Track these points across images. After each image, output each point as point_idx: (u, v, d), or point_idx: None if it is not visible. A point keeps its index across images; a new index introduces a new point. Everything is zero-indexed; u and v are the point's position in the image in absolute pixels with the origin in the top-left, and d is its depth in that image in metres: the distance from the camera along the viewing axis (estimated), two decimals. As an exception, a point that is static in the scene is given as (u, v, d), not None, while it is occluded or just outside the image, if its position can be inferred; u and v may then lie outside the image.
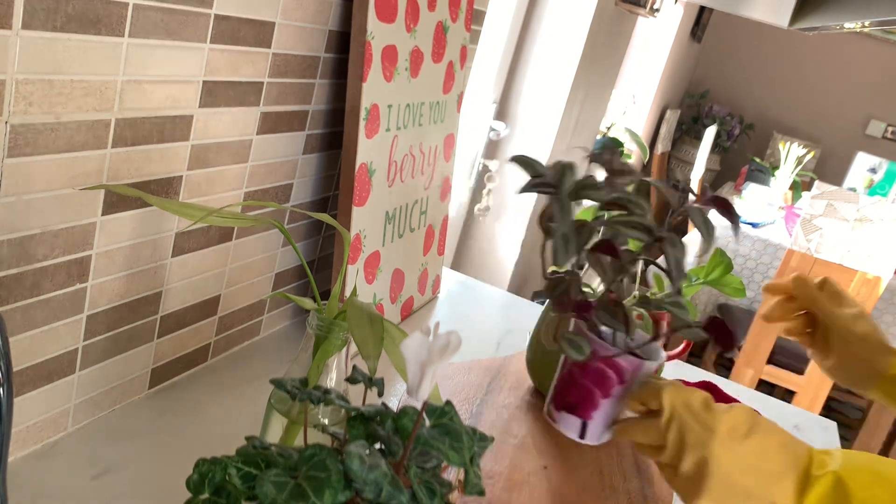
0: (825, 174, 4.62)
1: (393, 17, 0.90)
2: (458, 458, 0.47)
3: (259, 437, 0.48)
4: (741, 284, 0.89)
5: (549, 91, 2.16)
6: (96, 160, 0.61)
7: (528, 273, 2.56)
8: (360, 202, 0.91)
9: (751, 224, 3.15)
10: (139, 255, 0.69)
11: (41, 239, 0.59)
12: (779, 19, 0.95)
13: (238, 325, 0.89)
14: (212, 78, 0.70)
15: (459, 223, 2.24)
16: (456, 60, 1.10)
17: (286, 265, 0.94)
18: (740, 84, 4.92)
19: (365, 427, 0.49)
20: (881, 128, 4.70)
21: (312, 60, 0.84)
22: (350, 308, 0.57)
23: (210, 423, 0.77)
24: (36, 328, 0.62)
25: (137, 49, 0.61)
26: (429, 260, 1.15)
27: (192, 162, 0.71)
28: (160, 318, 0.75)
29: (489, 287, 1.34)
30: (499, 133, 2.16)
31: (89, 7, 0.55)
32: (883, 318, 2.90)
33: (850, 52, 4.68)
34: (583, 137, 2.53)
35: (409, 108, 0.99)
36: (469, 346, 1.09)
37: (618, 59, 2.65)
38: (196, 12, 0.65)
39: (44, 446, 0.67)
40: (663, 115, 4.29)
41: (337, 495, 0.43)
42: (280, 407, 0.61)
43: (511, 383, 0.98)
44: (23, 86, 0.53)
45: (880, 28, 1.47)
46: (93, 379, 0.70)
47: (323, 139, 0.92)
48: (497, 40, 2.06)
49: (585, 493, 0.78)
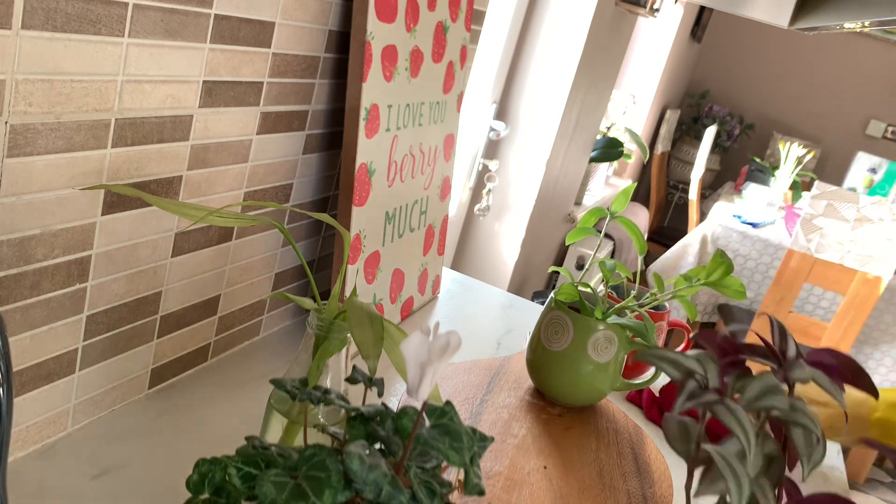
0: (825, 174, 4.62)
1: (393, 17, 0.90)
2: (458, 458, 0.47)
3: (259, 437, 0.48)
4: (742, 287, 0.89)
5: (549, 91, 2.16)
6: (96, 160, 0.61)
7: (528, 273, 2.56)
8: (360, 202, 0.91)
9: (751, 224, 3.15)
10: (139, 255, 0.69)
11: (41, 239, 0.59)
12: (779, 19, 0.95)
13: (238, 325, 0.89)
14: (212, 78, 0.70)
15: (459, 223, 2.24)
16: (456, 60, 1.10)
17: (286, 265, 0.94)
18: (740, 84, 4.92)
19: (365, 427, 0.49)
20: (881, 128, 4.70)
21: (312, 60, 0.84)
22: (350, 308, 0.57)
23: (210, 423, 0.77)
24: (36, 328, 0.62)
25: (137, 49, 0.61)
26: (429, 260, 1.15)
27: (192, 162, 0.71)
28: (160, 318, 0.75)
29: (489, 287, 1.34)
30: (499, 133, 2.16)
31: (89, 7, 0.55)
32: (883, 318, 2.90)
33: (850, 52, 4.68)
34: (583, 137, 2.53)
35: (409, 108, 0.99)
36: (469, 346, 1.09)
37: (618, 59, 2.65)
38: (196, 12, 0.65)
39: (44, 446, 0.67)
40: (663, 115, 4.29)
41: (337, 495, 0.43)
42: (280, 407, 0.61)
43: (511, 383, 0.98)
44: (23, 86, 0.53)
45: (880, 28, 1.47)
46: (93, 379, 0.70)
47: (323, 139, 0.92)
48: (497, 40, 2.06)
49: (585, 493, 0.78)
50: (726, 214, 3.25)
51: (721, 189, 4.09)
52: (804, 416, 0.46)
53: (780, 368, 0.50)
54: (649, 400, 1.02)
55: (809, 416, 0.47)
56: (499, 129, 2.16)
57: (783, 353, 0.51)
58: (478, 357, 1.05)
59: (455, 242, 2.27)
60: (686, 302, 0.93)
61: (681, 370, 0.46)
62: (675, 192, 4.95)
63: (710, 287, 0.89)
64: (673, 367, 0.47)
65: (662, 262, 3.16)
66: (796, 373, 0.50)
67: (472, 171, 2.15)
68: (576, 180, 2.69)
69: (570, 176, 2.57)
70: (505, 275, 2.32)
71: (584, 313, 0.92)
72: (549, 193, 2.37)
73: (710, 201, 4.17)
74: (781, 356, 0.51)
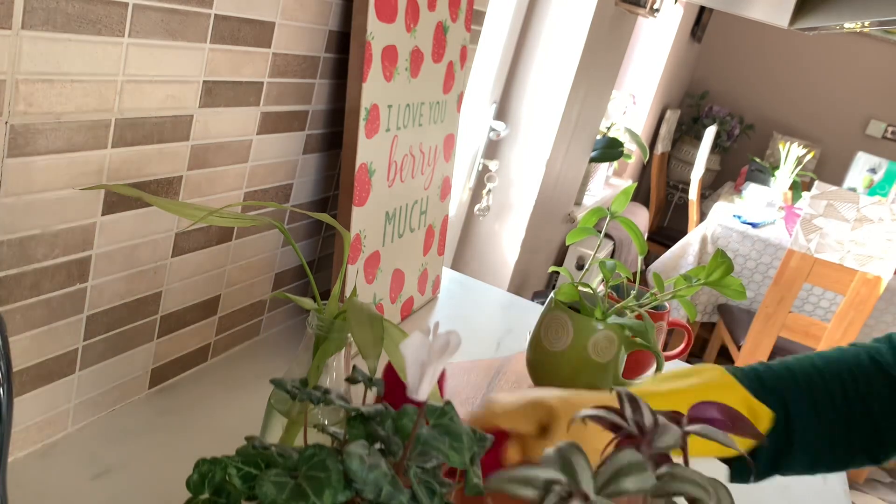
0: (825, 174, 4.62)
1: (393, 17, 0.90)
2: (458, 458, 0.47)
3: (259, 437, 0.48)
4: (741, 287, 0.89)
5: (549, 91, 2.16)
6: (96, 160, 0.61)
7: (528, 273, 2.56)
8: (360, 202, 0.91)
9: (751, 224, 3.15)
10: (139, 256, 0.69)
11: (41, 239, 0.59)
12: (779, 19, 0.95)
13: (238, 325, 0.89)
14: (212, 78, 0.70)
15: (459, 223, 2.24)
16: (456, 60, 1.10)
17: (286, 265, 0.94)
18: (740, 84, 4.92)
19: (365, 427, 0.49)
20: (881, 128, 4.70)
21: (312, 60, 0.84)
22: (350, 308, 0.57)
23: (210, 424, 0.77)
24: (36, 328, 0.62)
25: (137, 49, 0.61)
26: (429, 260, 1.15)
27: (192, 162, 0.71)
28: (160, 318, 0.75)
29: (489, 287, 1.34)
30: (499, 133, 2.16)
31: (89, 7, 0.55)
32: (883, 318, 2.90)
33: (850, 52, 4.68)
34: (583, 137, 2.53)
35: (409, 108, 0.99)
36: (469, 346, 1.09)
37: (618, 59, 2.65)
38: (196, 12, 0.65)
39: (44, 446, 0.67)
40: (663, 115, 4.29)
41: (337, 495, 0.43)
42: (280, 407, 0.61)
43: (511, 383, 0.98)
44: (23, 86, 0.53)
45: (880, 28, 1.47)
46: (93, 379, 0.70)
47: (323, 139, 0.92)
48: (497, 40, 2.06)
49: (585, 493, 0.78)
50: (726, 214, 3.25)
51: (721, 189, 4.09)
52: (685, 483, 0.42)
53: (643, 442, 0.46)
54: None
55: (692, 479, 0.42)
56: (499, 129, 2.16)
57: (639, 426, 0.47)
58: (478, 357, 1.05)
59: (455, 242, 2.27)
60: (686, 302, 0.93)
61: (538, 487, 0.39)
62: (675, 192, 4.95)
63: (711, 287, 0.89)
64: (528, 487, 0.39)
65: (662, 262, 3.16)
66: (665, 440, 0.46)
67: (472, 171, 2.15)
68: (576, 180, 2.69)
69: (570, 176, 2.57)
70: (505, 275, 2.32)
71: (584, 313, 0.92)
72: (549, 193, 2.37)
73: (710, 201, 4.17)
74: (638, 429, 0.47)
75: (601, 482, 0.40)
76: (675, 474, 0.43)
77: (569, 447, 0.41)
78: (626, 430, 0.47)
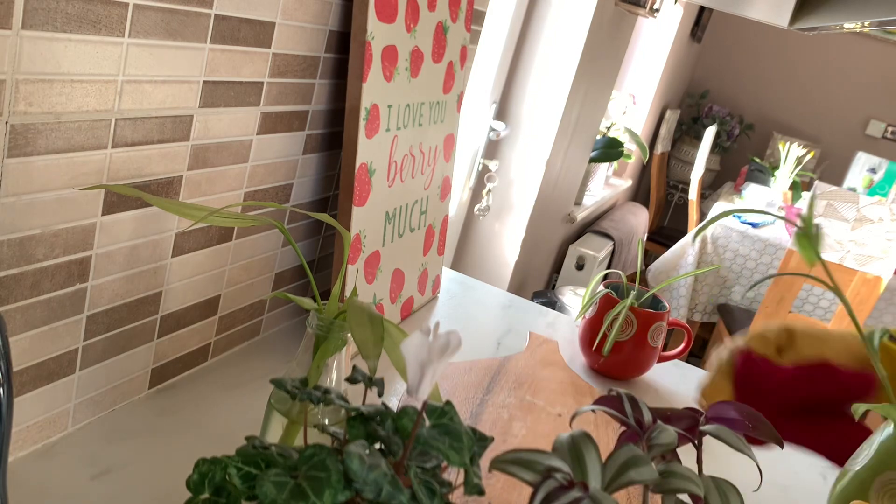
0: (825, 174, 4.62)
1: (393, 17, 0.90)
2: (458, 458, 0.47)
3: (259, 437, 0.48)
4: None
5: (549, 91, 2.16)
6: (96, 160, 0.61)
7: (528, 273, 2.56)
8: (360, 202, 0.91)
9: (751, 224, 3.16)
10: (139, 256, 0.69)
11: (41, 239, 0.59)
12: (779, 19, 0.95)
13: (238, 325, 0.89)
14: (212, 78, 0.70)
15: (459, 223, 2.24)
16: (456, 60, 1.10)
17: (286, 265, 0.94)
18: (740, 84, 4.92)
19: (365, 427, 0.49)
20: (881, 128, 4.70)
21: (312, 60, 0.84)
22: (350, 308, 0.57)
23: (210, 423, 0.77)
24: (36, 328, 0.62)
25: (138, 49, 0.61)
26: (429, 260, 1.15)
27: (193, 162, 0.71)
28: (160, 318, 0.75)
29: (489, 287, 1.34)
30: (499, 133, 2.16)
31: (89, 7, 0.55)
32: (883, 319, 2.90)
33: (850, 52, 4.68)
34: (583, 137, 2.53)
35: (409, 108, 0.99)
36: (469, 346, 1.09)
37: (618, 59, 2.65)
38: (196, 12, 0.65)
39: (44, 446, 0.67)
40: (663, 115, 4.29)
41: (337, 495, 0.43)
42: (280, 407, 0.62)
43: (511, 383, 0.98)
44: (23, 86, 0.53)
45: (880, 28, 1.47)
46: (93, 379, 0.70)
47: (323, 139, 0.92)
48: (497, 40, 2.06)
49: (585, 493, 0.78)
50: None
51: (721, 189, 4.09)
52: (682, 480, 0.43)
53: (642, 438, 0.47)
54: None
55: (689, 477, 0.43)
56: (499, 129, 2.16)
57: (639, 423, 0.48)
58: (478, 357, 1.05)
59: (455, 242, 2.27)
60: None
61: (538, 471, 0.39)
62: (675, 192, 4.95)
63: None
64: (527, 470, 0.40)
65: (662, 262, 3.16)
66: (661, 438, 0.47)
67: (472, 171, 2.15)
68: (576, 180, 2.69)
69: (569, 176, 2.57)
70: (505, 275, 2.32)
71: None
72: (549, 193, 2.37)
73: (709, 201, 4.17)
74: (638, 426, 0.48)
75: (610, 475, 0.40)
76: (673, 471, 0.43)
77: (581, 437, 0.42)
78: (633, 429, 0.47)
